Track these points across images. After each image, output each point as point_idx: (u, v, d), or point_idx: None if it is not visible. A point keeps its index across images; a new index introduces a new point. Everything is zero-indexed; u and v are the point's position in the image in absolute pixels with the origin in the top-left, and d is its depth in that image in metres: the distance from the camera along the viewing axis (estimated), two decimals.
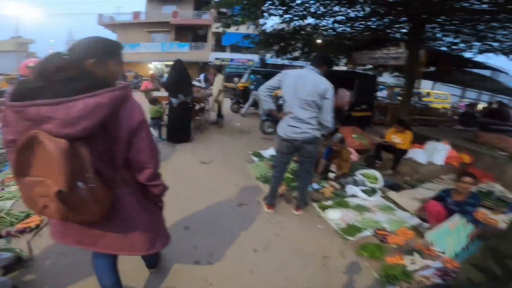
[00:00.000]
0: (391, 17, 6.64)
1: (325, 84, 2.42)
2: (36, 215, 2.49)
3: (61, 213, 0.96)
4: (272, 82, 2.61)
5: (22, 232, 2.29)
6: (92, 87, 0.95)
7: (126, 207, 1.19)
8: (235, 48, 22.03)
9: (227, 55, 22.89)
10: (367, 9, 6.53)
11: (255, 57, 21.81)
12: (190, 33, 24.10)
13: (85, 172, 0.96)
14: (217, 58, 21.32)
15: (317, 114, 2.51)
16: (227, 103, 8.19)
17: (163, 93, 5.42)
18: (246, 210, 2.95)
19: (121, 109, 1.03)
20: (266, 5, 6.19)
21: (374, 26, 7.25)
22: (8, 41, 28.40)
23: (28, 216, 2.51)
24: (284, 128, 2.59)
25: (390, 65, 7.47)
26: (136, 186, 1.22)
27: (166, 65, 16.80)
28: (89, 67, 1.07)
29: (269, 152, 4.69)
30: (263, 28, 8.06)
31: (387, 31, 7.29)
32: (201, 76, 8.63)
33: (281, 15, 6.81)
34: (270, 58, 13.79)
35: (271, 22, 7.94)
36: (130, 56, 20.52)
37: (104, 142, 1.04)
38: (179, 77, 4.89)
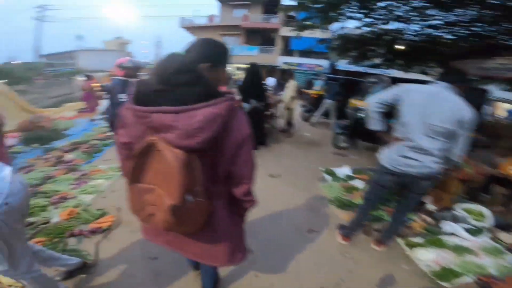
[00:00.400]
0: (507, 23, 5.39)
1: (469, 112, 1.85)
2: (109, 216, 2.53)
3: (167, 224, 0.95)
4: (386, 96, 2.06)
5: (93, 232, 2.31)
6: (207, 95, 0.90)
7: (219, 220, 1.17)
8: (304, 53, 21.68)
9: (295, 59, 22.61)
10: (473, 13, 5.44)
11: (324, 63, 20.99)
12: (260, 37, 24.54)
13: (195, 186, 0.95)
14: (285, 63, 21.17)
15: (445, 146, 1.94)
16: (297, 111, 7.86)
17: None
18: (316, 237, 2.64)
19: (231, 121, 0.97)
20: (344, 8, 5.70)
21: (483, 32, 6.02)
22: (112, 41, 34.09)
23: (103, 215, 2.53)
24: (394, 159, 2.05)
25: (506, 78, 6.11)
26: (227, 198, 1.19)
27: (238, 68, 17.34)
28: (203, 71, 0.99)
29: (344, 170, 4.24)
30: (341, 32, 7.53)
31: (501, 37, 5.98)
32: (271, 80, 8.48)
33: (361, 19, 6.21)
34: (342, 64, 12.98)
35: (348, 26, 7.41)
36: None
37: (211, 154, 1.00)
38: (253, 81, 4.81)
